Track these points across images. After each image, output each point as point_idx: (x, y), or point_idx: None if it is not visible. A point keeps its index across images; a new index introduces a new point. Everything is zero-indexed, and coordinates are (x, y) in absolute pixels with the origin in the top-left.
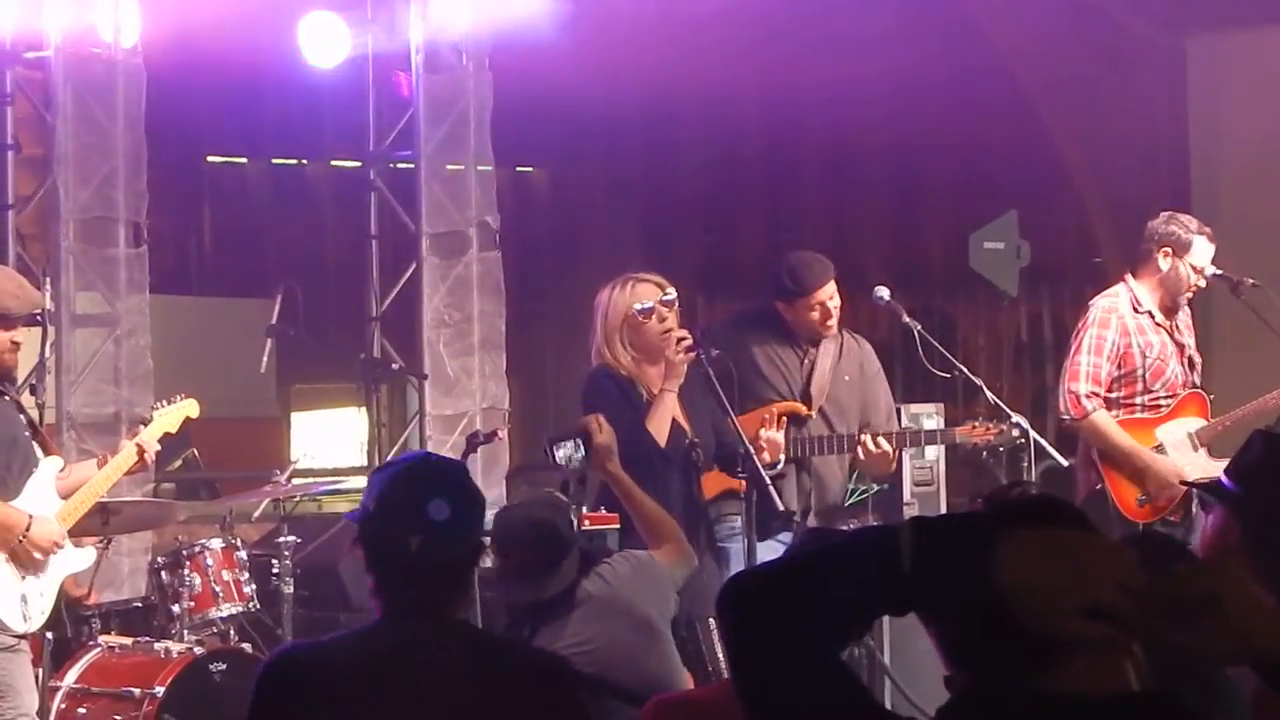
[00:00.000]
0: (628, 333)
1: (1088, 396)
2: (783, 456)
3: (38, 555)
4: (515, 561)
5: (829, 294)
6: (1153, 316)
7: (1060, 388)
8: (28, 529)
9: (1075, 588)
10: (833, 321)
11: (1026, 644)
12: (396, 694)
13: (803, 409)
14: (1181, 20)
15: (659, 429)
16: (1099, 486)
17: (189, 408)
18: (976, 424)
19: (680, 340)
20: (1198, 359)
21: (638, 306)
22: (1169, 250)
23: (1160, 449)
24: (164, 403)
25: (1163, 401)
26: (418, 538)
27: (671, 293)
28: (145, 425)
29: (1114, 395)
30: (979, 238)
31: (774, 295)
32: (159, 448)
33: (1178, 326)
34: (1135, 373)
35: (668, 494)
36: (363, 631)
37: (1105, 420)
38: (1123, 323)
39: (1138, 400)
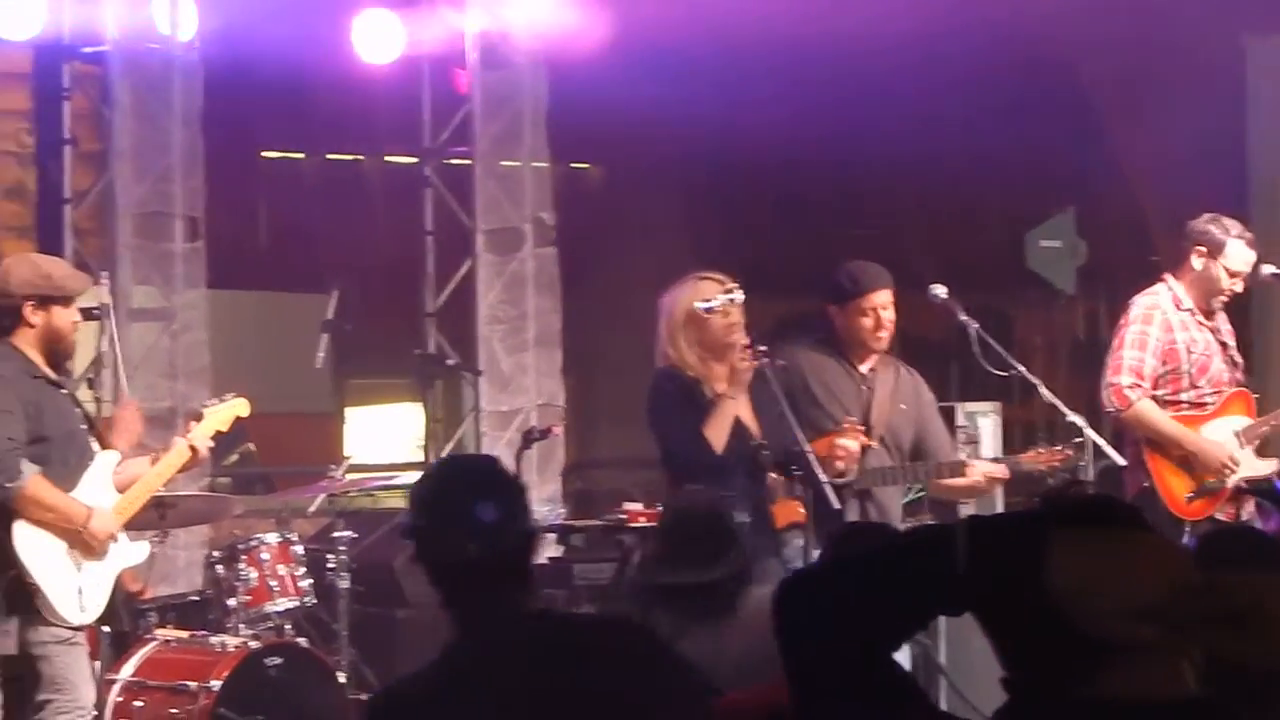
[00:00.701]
0: (693, 331)
1: (1130, 388)
2: (855, 467)
3: (96, 547)
4: (681, 548)
5: (884, 301)
6: (1193, 314)
7: (1103, 383)
8: (87, 521)
9: (1126, 589)
10: (884, 334)
11: (1081, 646)
12: (499, 699)
13: (865, 438)
14: (1240, 19)
15: (716, 436)
16: (1146, 484)
17: (239, 406)
18: (1040, 450)
19: (745, 348)
20: (1239, 359)
21: (701, 305)
22: (1203, 251)
23: None
24: (215, 400)
25: (1208, 398)
26: (474, 546)
27: (736, 291)
28: (198, 421)
29: (1160, 393)
30: (1036, 236)
31: (827, 298)
32: (211, 445)
33: (1219, 326)
34: (1180, 369)
35: (732, 499)
36: (448, 649)
37: (1149, 407)
38: (1165, 319)
39: (1183, 397)
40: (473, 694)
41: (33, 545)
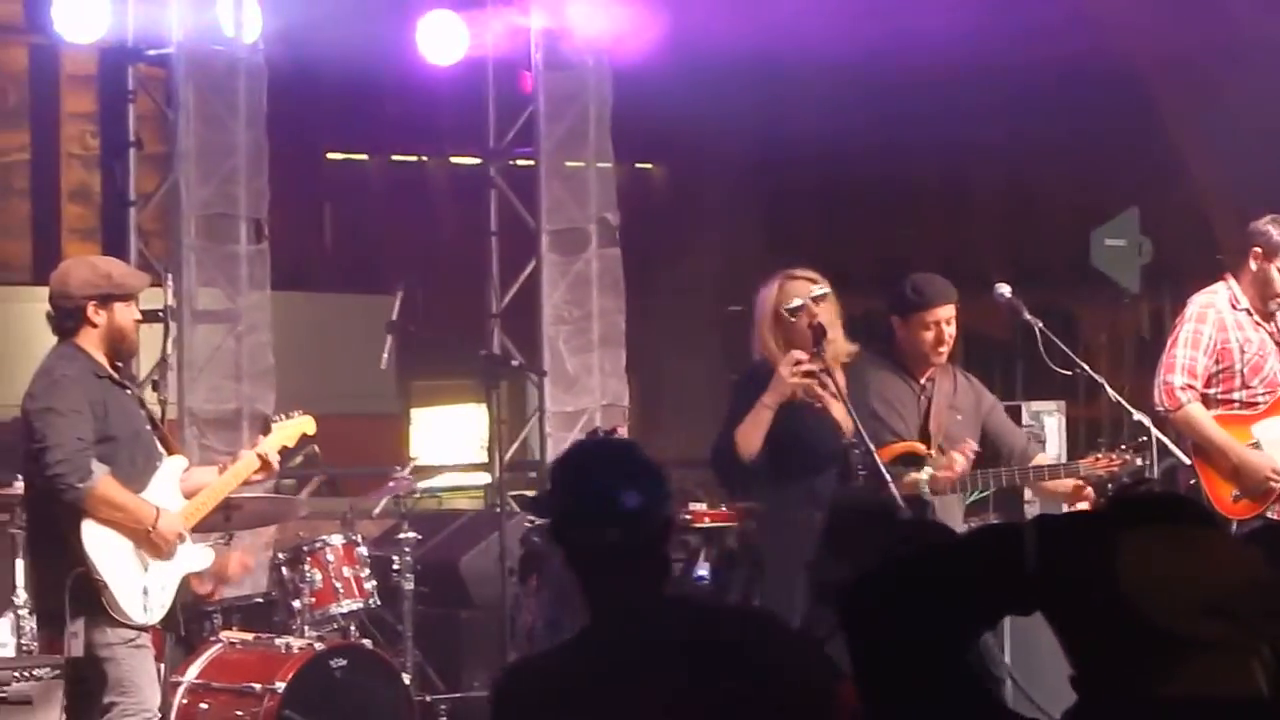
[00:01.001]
0: (779, 330)
1: (1182, 389)
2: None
3: (163, 548)
4: (847, 540)
5: (948, 316)
6: (1250, 314)
7: (1156, 380)
8: (156, 522)
9: (1194, 586)
10: (944, 349)
11: (1150, 645)
12: (633, 682)
13: (921, 448)
14: None
15: (746, 440)
16: (1192, 482)
17: (305, 424)
18: (1099, 455)
19: (798, 364)
20: None
21: (787, 307)
22: (1260, 251)
23: (1256, 445)
24: (283, 416)
25: (1260, 398)
26: (614, 531)
27: (822, 288)
28: (265, 435)
29: (1212, 391)
30: (1100, 234)
31: (891, 309)
32: (279, 458)
33: (1276, 328)
34: (1233, 368)
35: (815, 497)
36: (584, 631)
37: (1199, 413)
38: (1220, 318)
39: (1235, 396)
40: (606, 679)
41: (101, 543)
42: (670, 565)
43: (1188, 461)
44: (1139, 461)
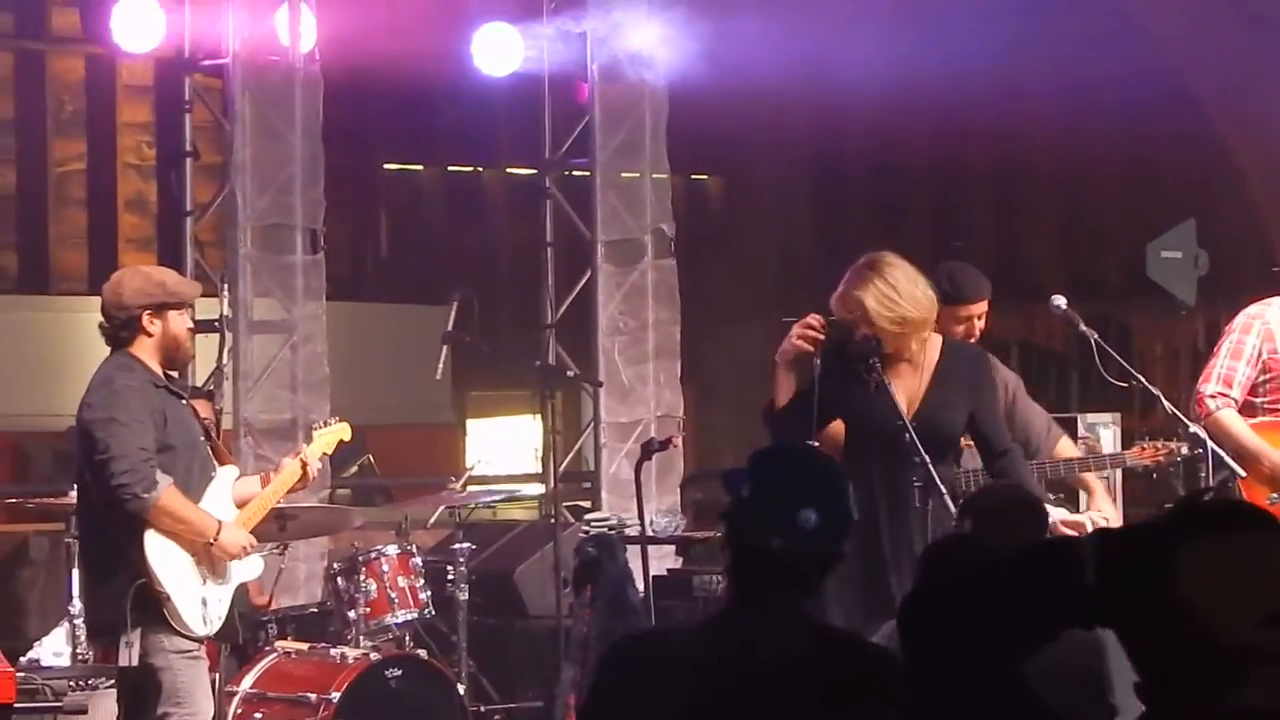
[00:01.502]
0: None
1: (1212, 396)
2: None
3: (224, 561)
4: (988, 536)
5: (981, 311)
6: None
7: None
8: (218, 534)
9: (1259, 596)
10: (972, 341)
11: (1214, 656)
12: (736, 682)
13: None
14: None
15: (777, 401)
16: (1229, 485)
17: (342, 431)
18: (1144, 445)
19: (808, 328)
20: None
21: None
22: None
23: None
24: (322, 423)
25: None
26: (780, 541)
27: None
28: (308, 443)
29: (1260, 400)
30: (1156, 247)
31: None
32: (321, 466)
33: None
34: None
35: (868, 481)
36: (709, 619)
37: (1228, 418)
38: (1267, 328)
39: None
40: (719, 667)
41: (163, 554)
42: (819, 587)
43: (1243, 474)
44: (1184, 450)
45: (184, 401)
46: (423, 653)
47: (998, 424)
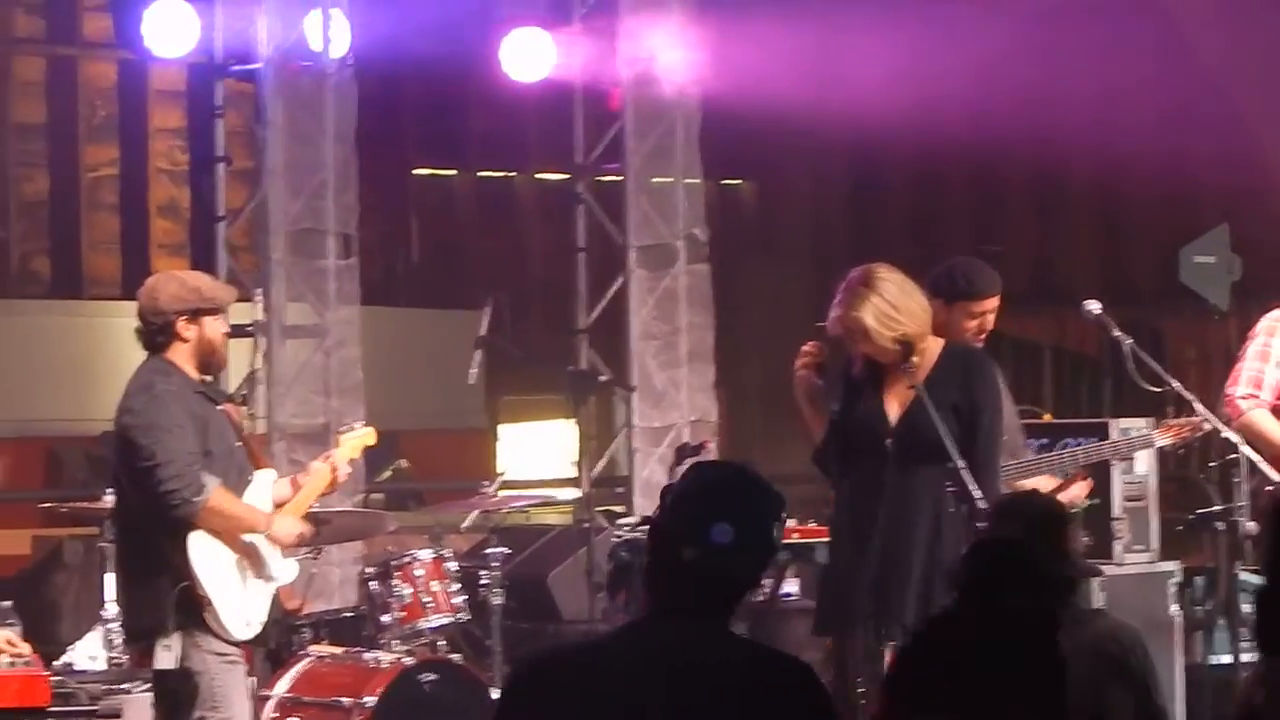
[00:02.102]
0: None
1: (1243, 398)
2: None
3: (277, 555)
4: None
5: (993, 307)
6: None
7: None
8: (269, 525)
9: None
10: (982, 339)
11: None
12: (645, 691)
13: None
14: None
15: (811, 430)
16: (1269, 488)
17: (367, 436)
18: (1170, 423)
19: (805, 354)
20: None
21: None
22: None
23: None
24: (351, 426)
25: None
26: (692, 552)
27: None
28: (336, 447)
29: None
30: (1189, 252)
31: (935, 293)
32: (350, 470)
33: None
34: None
35: (855, 486)
36: (620, 630)
37: (1260, 418)
38: None
39: None
40: (637, 675)
41: (206, 558)
42: (733, 606)
43: (1277, 476)
44: (1205, 426)
45: (218, 406)
46: (457, 657)
47: (976, 429)
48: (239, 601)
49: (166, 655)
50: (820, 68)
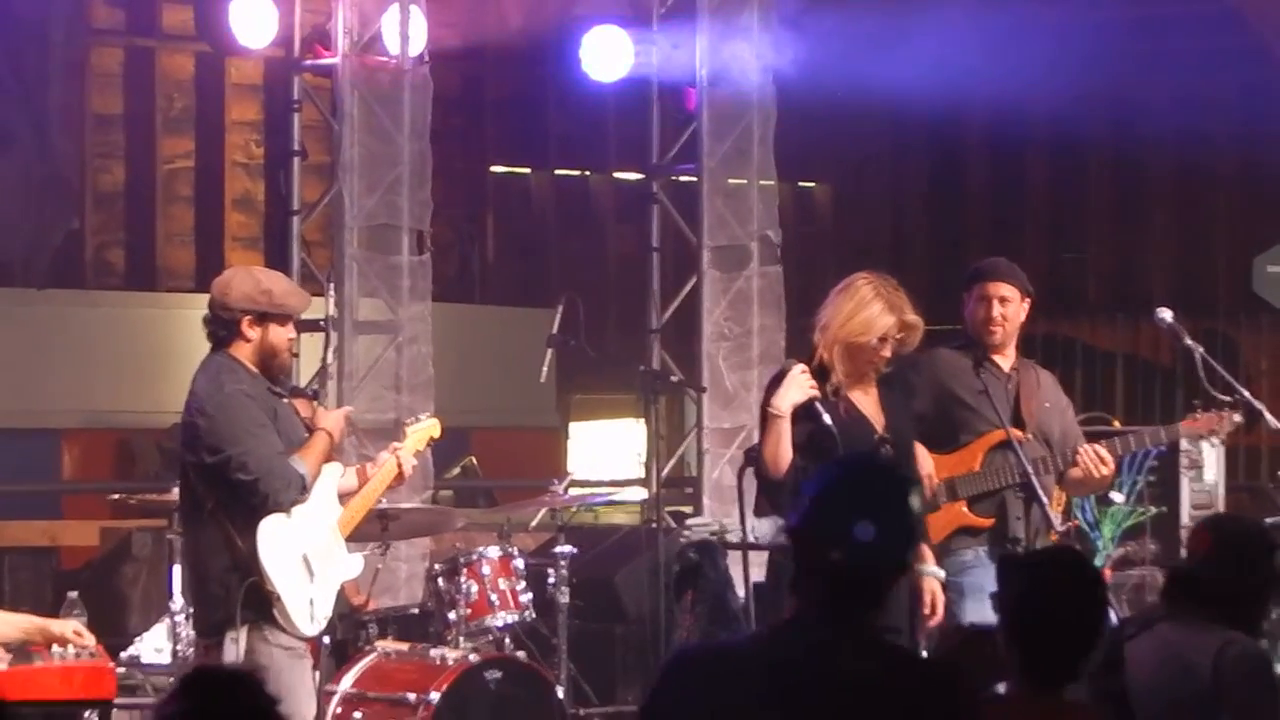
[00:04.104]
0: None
1: None
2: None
3: (344, 547)
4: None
5: (1001, 294)
6: None
7: None
8: (331, 432)
9: None
10: (996, 330)
11: None
12: (796, 696)
13: (1018, 433)
14: None
15: (773, 458)
16: None
17: (432, 428)
18: (1197, 415)
19: (806, 377)
20: None
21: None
22: None
23: None
24: (416, 418)
25: None
26: (839, 553)
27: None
28: (401, 440)
29: None
30: (1263, 261)
31: (963, 286)
32: (415, 462)
33: None
34: None
35: None
36: (772, 631)
37: None
38: None
39: None
40: (783, 680)
41: (275, 554)
42: (878, 601)
43: None
44: (1236, 418)
45: (286, 402)
46: (522, 655)
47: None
48: (307, 597)
49: (232, 648)
50: (899, 70)
